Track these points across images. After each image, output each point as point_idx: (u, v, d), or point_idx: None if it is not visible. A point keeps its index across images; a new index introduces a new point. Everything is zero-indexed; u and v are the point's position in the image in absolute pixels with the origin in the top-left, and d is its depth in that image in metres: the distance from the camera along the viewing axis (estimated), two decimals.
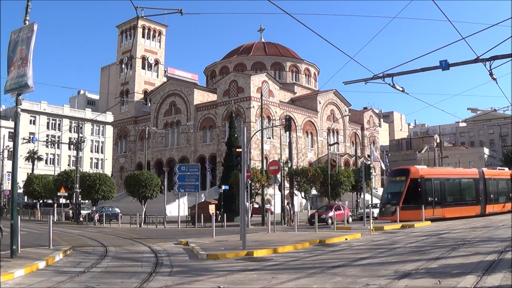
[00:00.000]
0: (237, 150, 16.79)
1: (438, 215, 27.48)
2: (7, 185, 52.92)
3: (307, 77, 70.56)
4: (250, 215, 31.27)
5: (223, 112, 54.82)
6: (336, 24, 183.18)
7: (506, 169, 37.17)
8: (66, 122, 74.96)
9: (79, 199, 37.56)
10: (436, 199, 27.60)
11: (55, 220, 36.45)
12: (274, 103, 55.67)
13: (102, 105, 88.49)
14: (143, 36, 67.10)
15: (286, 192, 32.96)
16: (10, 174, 22.88)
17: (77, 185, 37.08)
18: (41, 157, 65.95)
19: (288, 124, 33.37)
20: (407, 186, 27.15)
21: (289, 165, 39.77)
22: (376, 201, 40.94)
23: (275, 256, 13.34)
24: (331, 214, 28.05)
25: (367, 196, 31.03)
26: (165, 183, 37.54)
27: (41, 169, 64.02)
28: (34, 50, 12.97)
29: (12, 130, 31.15)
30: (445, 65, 14.17)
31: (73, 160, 68.55)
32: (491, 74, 13.68)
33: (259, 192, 32.95)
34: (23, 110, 48.72)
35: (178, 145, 59.39)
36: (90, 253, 14.52)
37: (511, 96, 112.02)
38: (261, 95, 43.60)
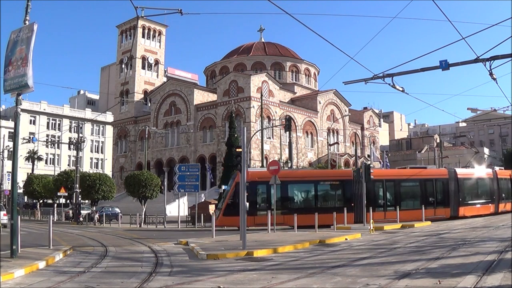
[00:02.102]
0: (237, 150, 16.81)
1: (279, 222, 23.81)
2: (7, 185, 52.90)
3: (307, 77, 70.58)
4: None
5: (223, 112, 54.83)
6: (336, 24, 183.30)
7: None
8: (66, 122, 74.98)
9: (79, 199, 37.59)
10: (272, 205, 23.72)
11: (55, 220, 36.46)
12: (274, 103, 55.67)
13: (102, 105, 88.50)
14: (143, 36, 67.11)
15: None
16: (10, 174, 22.86)
17: (77, 185, 37.11)
18: (41, 157, 65.97)
19: (288, 124, 33.41)
20: (231, 191, 25.17)
21: (289, 165, 39.85)
22: None
23: (275, 256, 13.34)
24: None
25: None
26: (165, 183, 37.56)
27: (41, 169, 64.04)
28: (34, 50, 12.98)
29: (12, 130, 31.15)
30: (445, 65, 14.17)
31: (73, 160, 68.54)
32: (491, 74, 13.69)
33: None
34: (23, 110, 48.73)
35: (178, 145, 59.39)
36: (90, 253, 14.52)
37: (511, 96, 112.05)
38: (261, 95, 43.72)
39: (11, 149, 17.47)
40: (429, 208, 27.55)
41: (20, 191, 49.13)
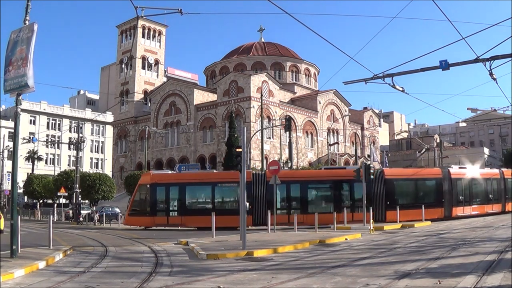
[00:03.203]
0: (237, 150, 16.77)
1: (176, 223, 25.87)
2: (7, 185, 52.91)
3: (307, 77, 70.57)
4: None
5: (223, 112, 54.83)
6: (336, 24, 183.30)
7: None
8: (66, 122, 74.97)
9: (79, 199, 37.60)
10: (171, 207, 25.88)
11: (55, 220, 36.46)
12: (274, 103, 55.68)
13: (102, 105, 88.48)
14: (143, 36, 67.10)
15: None
16: (10, 174, 22.86)
17: (77, 185, 37.13)
18: (41, 157, 65.97)
19: (288, 124, 33.43)
20: (135, 192, 27.21)
21: (289, 165, 39.87)
22: None
23: (275, 256, 13.34)
24: None
25: None
26: None
27: (41, 169, 64.04)
28: (34, 50, 12.97)
29: (12, 130, 31.17)
30: (445, 65, 14.19)
31: (73, 160, 68.54)
32: (491, 74, 13.70)
33: None
34: (23, 110, 48.70)
35: (178, 145, 59.39)
36: (90, 253, 14.52)
37: (511, 96, 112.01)
38: (261, 95, 43.72)
39: (11, 149, 17.47)
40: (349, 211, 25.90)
41: (20, 191, 49.16)
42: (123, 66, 68.14)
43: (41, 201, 51.08)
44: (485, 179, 31.14)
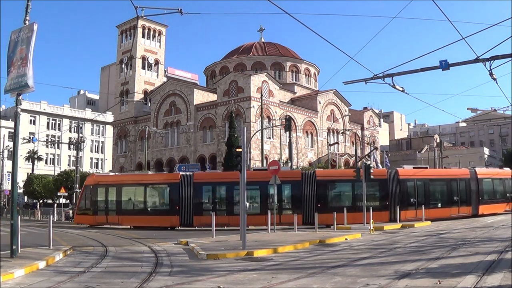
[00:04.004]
0: (237, 150, 16.77)
1: (113, 222, 27.62)
2: (7, 185, 52.92)
3: (307, 77, 70.57)
4: None
5: (223, 112, 54.82)
6: (336, 24, 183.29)
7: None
8: (66, 122, 74.97)
9: None
10: (109, 206, 27.66)
11: (55, 220, 36.44)
12: (274, 103, 55.67)
13: (102, 105, 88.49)
14: (143, 36, 67.08)
15: None
16: (10, 174, 22.86)
17: (77, 185, 37.16)
18: (41, 157, 65.99)
19: (288, 124, 33.41)
20: (81, 193, 29.18)
21: (289, 165, 39.84)
22: None
23: (275, 256, 13.35)
24: None
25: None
26: None
27: (41, 169, 64.05)
28: (34, 50, 12.98)
29: (12, 130, 31.23)
30: (445, 65, 14.19)
31: (73, 160, 68.55)
32: (491, 74, 13.70)
33: None
34: (23, 110, 48.75)
35: (178, 145, 59.38)
36: (90, 253, 14.52)
37: (511, 96, 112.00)
38: (261, 95, 43.71)
39: (11, 149, 17.47)
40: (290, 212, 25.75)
41: (20, 191, 49.22)
42: (123, 66, 68.12)
43: (41, 201, 51.09)
44: (447, 179, 29.31)
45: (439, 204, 28.16)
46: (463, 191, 29.20)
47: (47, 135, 66.67)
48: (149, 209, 27.27)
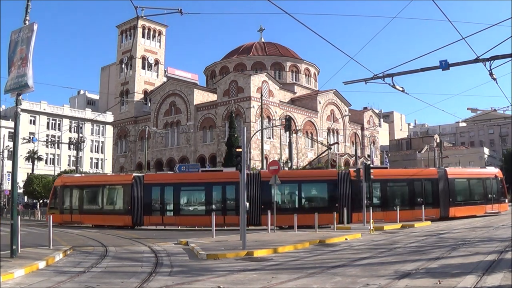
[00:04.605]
0: (237, 150, 16.76)
1: (77, 220, 28.91)
2: (7, 185, 52.91)
3: (307, 77, 70.58)
4: None
5: (223, 112, 54.83)
6: (336, 24, 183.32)
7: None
8: (66, 122, 74.93)
9: None
10: (73, 206, 29.18)
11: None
12: (274, 103, 55.68)
13: (102, 105, 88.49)
14: (143, 36, 67.09)
15: None
16: (10, 174, 22.86)
17: None
18: (41, 157, 65.92)
19: (288, 124, 33.42)
20: (51, 193, 30.76)
21: (289, 165, 39.86)
22: None
23: (275, 256, 13.35)
24: None
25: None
26: None
27: (41, 169, 63.99)
28: (34, 50, 12.98)
29: (12, 130, 31.40)
30: (445, 65, 14.20)
31: (73, 160, 68.55)
32: (491, 74, 13.71)
33: None
34: (23, 110, 48.73)
35: (178, 145, 59.39)
36: (90, 253, 14.52)
37: (511, 96, 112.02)
38: (261, 95, 43.71)
39: (11, 149, 17.47)
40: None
41: (20, 191, 49.16)
42: (123, 66, 68.13)
43: (41, 201, 51.05)
44: (409, 180, 27.95)
45: (399, 206, 26.09)
46: (429, 193, 27.92)
47: (47, 135, 66.65)
48: (106, 208, 28.51)
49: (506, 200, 31.36)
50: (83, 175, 37.10)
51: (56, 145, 69.16)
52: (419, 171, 31.55)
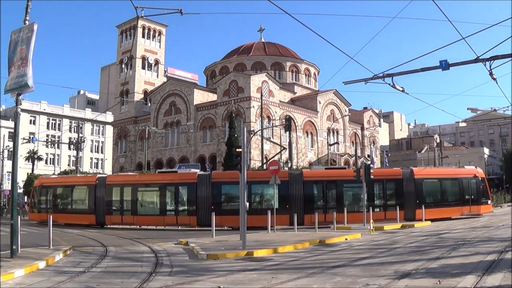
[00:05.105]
0: (237, 150, 16.76)
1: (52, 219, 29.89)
2: (7, 185, 52.89)
3: (307, 77, 70.57)
4: None
5: (223, 112, 54.82)
6: (336, 24, 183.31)
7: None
8: (66, 122, 74.87)
9: None
10: (48, 205, 30.47)
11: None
12: (274, 103, 55.67)
13: (102, 105, 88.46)
14: (143, 36, 67.09)
15: None
16: (10, 174, 22.86)
17: None
18: (41, 157, 65.87)
19: (288, 124, 33.41)
20: (31, 193, 32.64)
21: (289, 165, 39.83)
22: None
23: (275, 256, 13.35)
24: None
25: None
26: None
27: (41, 169, 63.93)
28: (34, 50, 12.98)
29: (12, 130, 31.50)
30: (445, 65, 14.20)
31: (73, 160, 68.53)
32: (491, 74, 13.71)
33: None
34: (23, 110, 48.68)
35: (178, 145, 59.39)
36: (90, 253, 14.52)
37: (511, 96, 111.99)
38: (261, 95, 43.69)
39: (11, 149, 17.46)
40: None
41: (20, 191, 49.11)
42: (123, 66, 68.12)
43: None
44: (371, 181, 25.75)
45: (356, 208, 25.57)
46: (391, 194, 27.12)
47: (47, 135, 66.59)
48: (75, 208, 29.85)
49: (489, 201, 29.74)
50: (57, 176, 38.80)
51: (56, 145, 69.13)
52: (382, 172, 30.59)
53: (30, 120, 71.82)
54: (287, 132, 42.95)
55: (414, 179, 27.05)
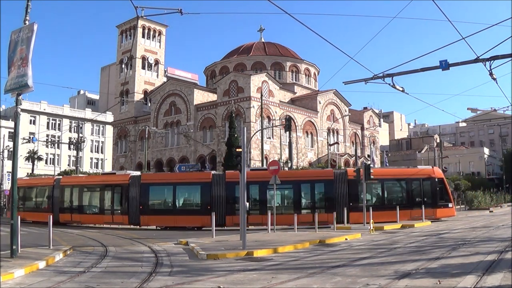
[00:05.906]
0: (237, 150, 16.76)
1: (21, 217, 31.89)
2: (7, 185, 52.86)
3: (307, 77, 70.57)
4: None
5: (223, 112, 54.82)
6: (336, 24, 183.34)
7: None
8: (66, 122, 74.83)
9: None
10: (20, 204, 30.72)
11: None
12: (274, 103, 55.67)
13: (102, 105, 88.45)
14: (143, 36, 67.09)
15: None
16: (10, 174, 22.86)
17: None
18: (41, 157, 65.83)
19: (288, 124, 33.42)
20: (9, 193, 32.70)
21: (289, 165, 39.84)
22: None
23: (275, 256, 13.34)
24: None
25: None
26: None
27: (41, 169, 63.91)
28: (34, 50, 12.98)
29: (12, 130, 31.69)
30: (445, 65, 14.19)
31: (73, 160, 68.50)
32: (491, 74, 13.71)
33: None
34: (23, 110, 48.64)
35: (178, 145, 59.39)
36: (90, 253, 14.52)
37: (511, 96, 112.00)
38: (261, 95, 43.70)
39: (11, 149, 17.46)
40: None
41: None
42: (123, 66, 68.13)
43: None
44: (296, 182, 25.68)
45: (283, 210, 24.89)
46: (321, 196, 26.00)
47: (47, 135, 66.55)
48: (39, 207, 31.65)
49: (450, 204, 26.95)
50: (27, 177, 39.69)
51: (56, 145, 69.07)
52: (312, 172, 29.86)
53: (30, 120, 71.79)
54: (287, 132, 42.95)
55: (348, 180, 25.39)
